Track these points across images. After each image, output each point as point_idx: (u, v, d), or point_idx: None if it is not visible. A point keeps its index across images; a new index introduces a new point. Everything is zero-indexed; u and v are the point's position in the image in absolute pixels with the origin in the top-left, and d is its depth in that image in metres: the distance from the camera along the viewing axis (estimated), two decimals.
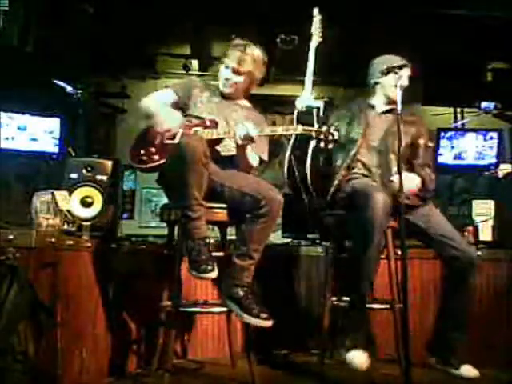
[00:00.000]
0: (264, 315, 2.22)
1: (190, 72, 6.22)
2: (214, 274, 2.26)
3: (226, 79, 2.63)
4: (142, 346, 2.75)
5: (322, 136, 2.23)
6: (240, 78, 2.62)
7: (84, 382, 2.33)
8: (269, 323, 2.22)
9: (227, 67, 2.61)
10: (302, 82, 2.95)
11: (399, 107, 2.31)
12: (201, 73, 6.38)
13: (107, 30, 4.90)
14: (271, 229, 2.32)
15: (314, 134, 2.24)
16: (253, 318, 2.22)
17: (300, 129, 2.30)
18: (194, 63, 6.18)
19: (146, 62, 6.20)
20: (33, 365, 2.02)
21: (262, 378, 2.44)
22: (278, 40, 5.05)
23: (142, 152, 2.49)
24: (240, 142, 2.38)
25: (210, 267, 2.24)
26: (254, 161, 2.56)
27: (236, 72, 2.60)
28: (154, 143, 2.51)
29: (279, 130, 2.42)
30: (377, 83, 2.79)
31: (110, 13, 4.74)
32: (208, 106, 2.62)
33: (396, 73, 2.53)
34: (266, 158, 2.65)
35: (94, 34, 4.82)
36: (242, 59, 2.57)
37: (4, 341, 1.96)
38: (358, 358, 2.42)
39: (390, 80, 2.64)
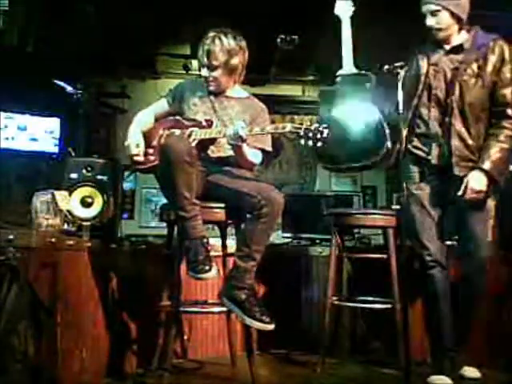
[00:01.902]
0: (266, 318, 2.21)
1: (189, 72, 6.22)
2: (212, 274, 2.24)
3: (205, 77, 2.55)
4: (141, 346, 2.75)
5: (310, 134, 2.19)
6: (216, 73, 2.52)
7: (84, 382, 2.33)
8: (271, 326, 2.21)
9: (203, 66, 2.54)
10: (302, 82, 2.92)
11: None
12: (201, 73, 6.39)
13: (107, 30, 4.90)
14: (272, 229, 2.30)
15: (302, 133, 2.21)
16: (255, 322, 2.20)
17: (289, 127, 2.26)
18: (194, 63, 6.18)
19: (146, 62, 6.21)
20: (33, 365, 2.02)
21: (262, 378, 2.44)
22: (278, 40, 5.05)
23: (142, 151, 2.51)
24: (231, 142, 2.35)
25: (207, 267, 2.22)
26: (255, 158, 2.50)
27: (210, 67, 2.51)
28: (151, 144, 2.53)
29: (268, 129, 2.38)
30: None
31: (110, 13, 4.73)
32: (203, 105, 2.59)
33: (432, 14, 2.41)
34: (269, 148, 2.56)
35: (94, 34, 4.82)
36: (211, 52, 2.47)
37: (4, 341, 1.95)
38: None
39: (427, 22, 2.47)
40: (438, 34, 2.46)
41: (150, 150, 2.51)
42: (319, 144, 2.19)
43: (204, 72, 2.55)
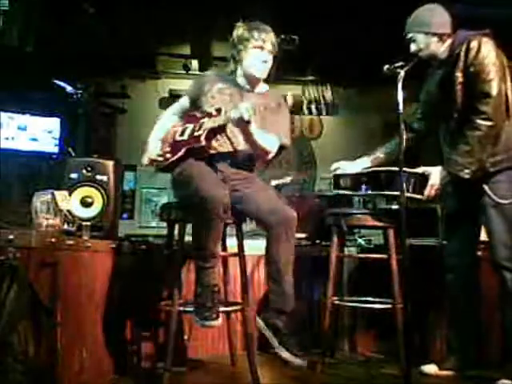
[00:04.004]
0: (299, 352, 2.23)
1: (190, 72, 6.23)
2: (217, 323, 2.28)
3: (265, 61, 2.51)
4: (142, 345, 2.75)
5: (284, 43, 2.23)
6: (272, 61, 2.54)
7: (84, 381, 2.33)
8: (304, 363, 2.23)
9: (262, 48, 2.49)
10: (302, 82, 2.89)
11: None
12: (201, 73, 6.39)
13: (107, 30, 4.90)
14: (292, 244, 2.31)
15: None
16: (289, 356, 2.22)
17: (290, 97, 2.25)
18: (194, 63, 6.19)
19: (146, 62, 6.21)
20: (33, 365, 2.02)
21: (262, 378, 2.44)
22: (278, 40, 5.04)
23: (160, 153, 2.51)
24: (236, 126, 2.32)
25: (214, 315, 2.26)
26: (270, 144, 2.42)
27: (272, 53, 2.52)
28: (167, 142, 2.53)
29: (271, 104, 2.32)
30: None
31: (110, 13, 4.74)
32: (221, 97, 2.52)
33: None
34: (286, 141, 2.50)
35: (94, 34, 4.83)
36: (274, 42, 2.52)
37: (4, 341, 1.95)
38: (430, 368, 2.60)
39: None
40: (422, 55, 2.55)
41: (168, 148, 2.50)
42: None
43: (264, 56, 2.50)
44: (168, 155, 2.48)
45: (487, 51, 2.39)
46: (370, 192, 2.57)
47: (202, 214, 2.21)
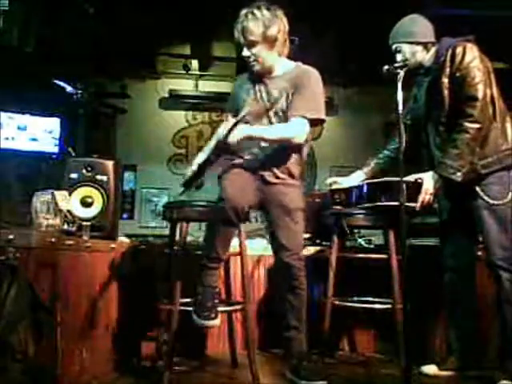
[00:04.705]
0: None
1: (190, 72, 6.23)
2: (215, 323, 2.31)
3: (248, 58, 2.39)
4: (142, 345, 2.75)
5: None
6: (256, 49, 2.36)
7: (84, 381, 2.33)
8: None
9: (242, 47, 2.39)
10: None
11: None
12: (201, 73, 6.39)
13: (107, 30, 4.90)
14: (297, 293, 2.38)
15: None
16: None
17: (246, 110, 2.29)
18: (194, 63, 6.19)
19: (146, 62, 6.21)
20: (33, 365, 2.02)
21: (262, 378, 2.44)
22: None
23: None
24: (223, 149, 2.32)
25: (212, 315, 2.29)
26: (289, 133, 2.36)
27: (249, 45, 2.36)
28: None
29: (243, 113, 2.30)
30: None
31: (111, 13, 4.74)
32: (249, 99, 2.47)
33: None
34: (315, 114, 2.41)
35: (94, 35, 4.83)
36: (246, 28, 2.32)
37: (4, 341, 1.95)
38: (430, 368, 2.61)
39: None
40: (410, 65, 2.52)
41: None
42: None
43: (244, 53, 2.39)
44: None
45: (472, 56, 2.45)
46: (367, 205, 2.56)
47: (215, 215, 2.26)
